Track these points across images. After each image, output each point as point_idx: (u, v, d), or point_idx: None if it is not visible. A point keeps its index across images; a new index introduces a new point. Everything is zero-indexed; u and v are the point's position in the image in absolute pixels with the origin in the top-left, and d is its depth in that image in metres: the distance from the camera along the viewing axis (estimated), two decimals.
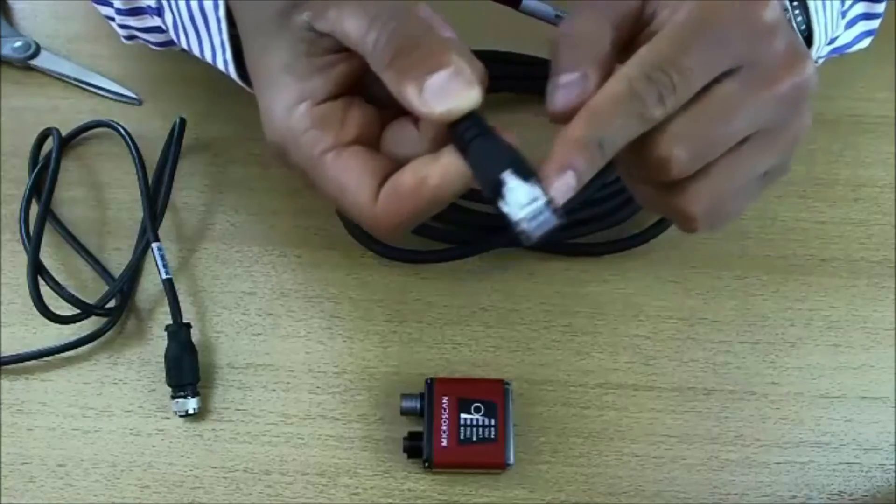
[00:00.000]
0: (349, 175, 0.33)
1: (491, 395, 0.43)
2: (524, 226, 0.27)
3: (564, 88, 0.31)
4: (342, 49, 0.33)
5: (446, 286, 0.48)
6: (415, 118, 0.33)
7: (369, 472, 0.44)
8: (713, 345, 0.47)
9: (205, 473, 0.44)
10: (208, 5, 0.39)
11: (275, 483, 0.43)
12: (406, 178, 0.32)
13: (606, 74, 0.30)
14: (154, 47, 0.48)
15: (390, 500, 0.43)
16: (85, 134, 0.51)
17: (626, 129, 0.29)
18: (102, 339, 0.46)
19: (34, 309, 0.45)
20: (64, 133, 0.51)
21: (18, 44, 0.54)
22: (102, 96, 0.53)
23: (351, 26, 0.31)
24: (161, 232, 0.48)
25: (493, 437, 0.42)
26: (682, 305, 0.48)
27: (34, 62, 0.54)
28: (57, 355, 0.46)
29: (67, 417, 0.45)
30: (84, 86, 0.53)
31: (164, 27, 0.44)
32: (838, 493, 0.44)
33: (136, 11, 0.44)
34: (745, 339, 0.47)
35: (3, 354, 0.45)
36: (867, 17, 0.47)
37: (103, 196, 0.50)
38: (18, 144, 0.51)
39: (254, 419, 0.45)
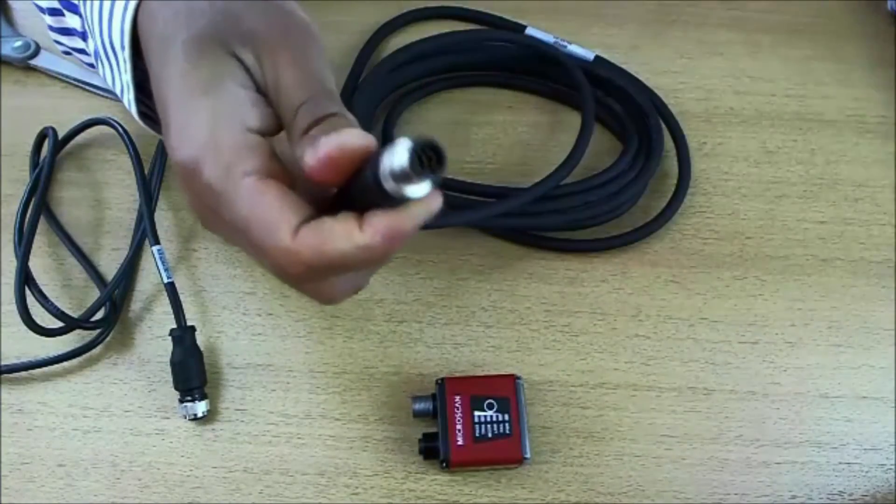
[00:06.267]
0: (269, 204, 0.31)
1: (503, 391, 0.43)
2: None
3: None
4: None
5: (446, 286, 0.48)
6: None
7: (369, 472, 0.44)
8: (713, 345, 0.47)
9: (205, 473, 0.44)
10: (115, 40, 0.38)
11: (275, 483, 0.43)
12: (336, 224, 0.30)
13: None
14: (86, 66, 0.47)
15: (390, 500, 0.43)
16: (84, 134, 0.51)
17: None
18: (102, 340, 0.46)
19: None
20: (63, 133, 0.50)
21: (18, 44, 0.54)
22: (102, 96, 0.53)
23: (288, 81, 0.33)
24: (160, 232, 0.48)
25: (508, 432, 0.42)
26: (682, 305, 0.48)
27: (34, 62, 0.54)
28: (52, 366, 0.45)
29: (67, 417, 0.45)
30: (84, 86, 0.53)
31: (88, 51, 0.44)
32: (838, 493, 0.44)
33: (66, 31, 0.45)
34: (745, 339, 0.47)
35: (1, 360, 0.45)
36: None
37: (102, 196, 0.50)
38: (18, 144, 0.51)
39: (254, 419, 0.45)
